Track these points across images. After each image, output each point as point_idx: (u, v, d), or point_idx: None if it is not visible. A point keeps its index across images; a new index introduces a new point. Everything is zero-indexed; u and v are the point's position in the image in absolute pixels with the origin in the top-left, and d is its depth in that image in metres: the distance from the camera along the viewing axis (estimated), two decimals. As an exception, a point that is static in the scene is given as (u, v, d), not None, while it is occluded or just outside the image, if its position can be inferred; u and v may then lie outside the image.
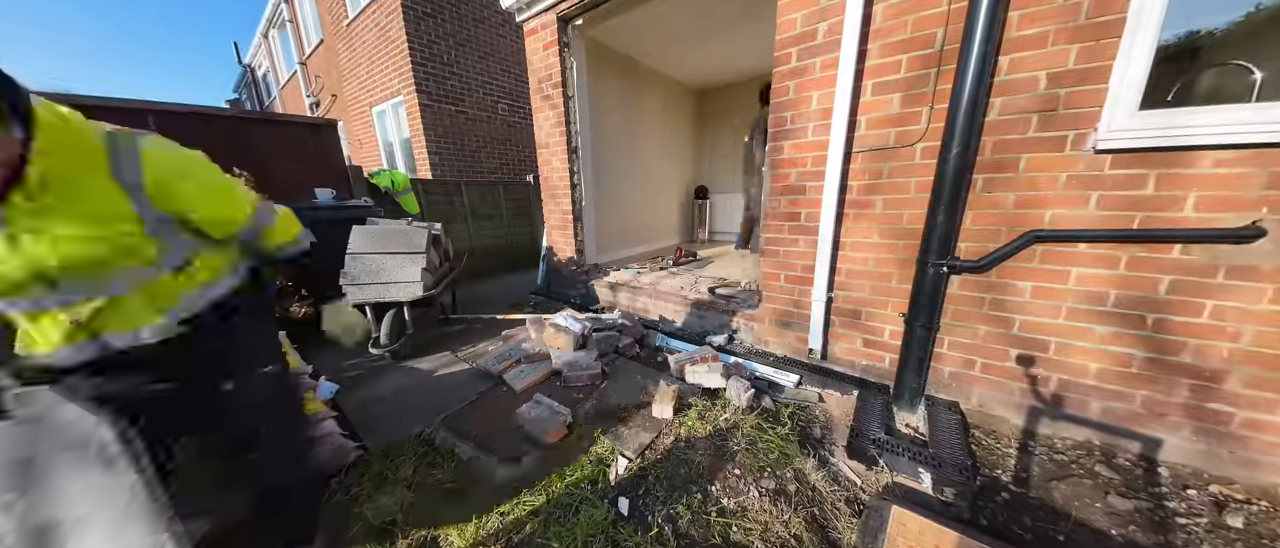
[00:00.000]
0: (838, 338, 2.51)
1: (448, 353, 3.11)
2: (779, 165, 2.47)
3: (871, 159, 2.14)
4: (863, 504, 1.62)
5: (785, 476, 1.66)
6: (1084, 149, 1.67)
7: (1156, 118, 1.55)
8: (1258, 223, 1.45)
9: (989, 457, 1.86)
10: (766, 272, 2.70)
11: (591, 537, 1.43)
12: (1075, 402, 1.89)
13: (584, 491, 1.64)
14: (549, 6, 3.65)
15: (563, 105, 3.93)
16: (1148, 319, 1.68)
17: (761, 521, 1.47)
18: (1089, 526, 1.49)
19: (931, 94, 1.91)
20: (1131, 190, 1.62)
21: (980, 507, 1.60)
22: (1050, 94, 1.69)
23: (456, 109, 7.02)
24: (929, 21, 1.87)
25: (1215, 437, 1.66)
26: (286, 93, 12.24)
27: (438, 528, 1.54)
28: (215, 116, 3.70)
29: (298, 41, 10.31)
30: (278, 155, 4.05)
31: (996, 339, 2.00)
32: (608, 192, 4.83)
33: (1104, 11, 1.56)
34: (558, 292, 4.46)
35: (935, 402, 2.12)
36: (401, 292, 2.90)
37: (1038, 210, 1.80)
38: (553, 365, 2.55)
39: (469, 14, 6.96)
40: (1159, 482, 1.66)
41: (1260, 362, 1.54)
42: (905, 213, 2.10)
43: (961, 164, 1.72)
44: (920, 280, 1.91)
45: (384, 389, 2.61)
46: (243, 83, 15.84)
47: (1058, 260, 1.80)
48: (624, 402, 2.20)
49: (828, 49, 2.15)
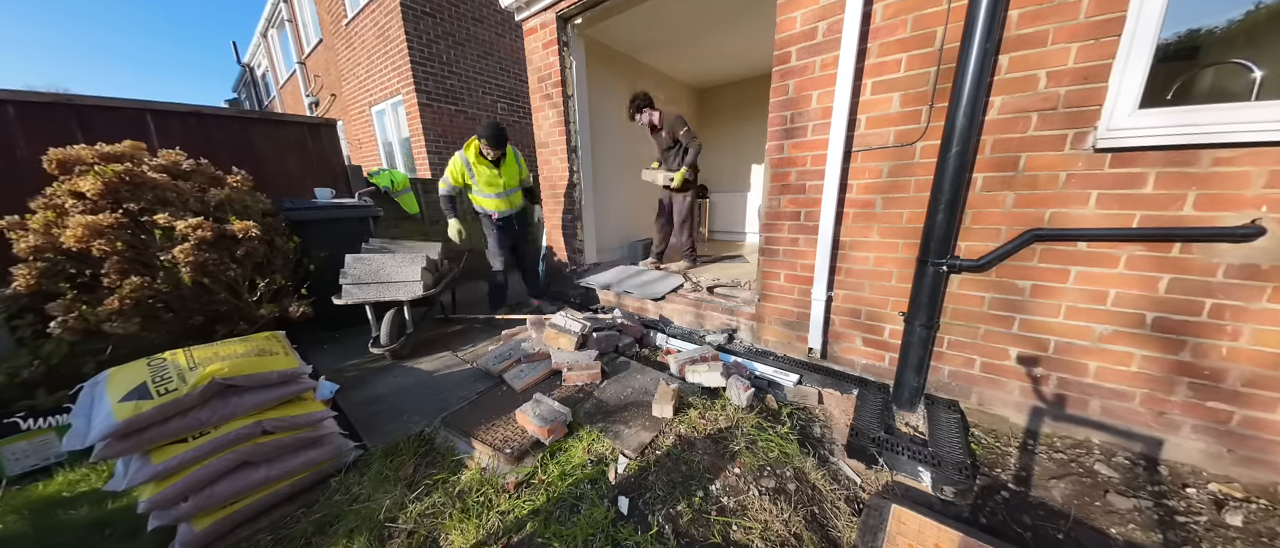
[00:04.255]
0: (837, 337, 2.51)
1: (448, 353, 3.11)
2: (778, 164, 2.46)
3: (871, 158, 2.14)
4: (862, 503, 1.62)
5: (785, 474, 1.66)
6: (1084, 148, 1.67)
7: (1156, 117, 1.55)
8: (1257, 222, 1.45)
9: (988, 456, 1.87)
10: (766, 271, 2.70)
11: (591, 536, 1.43)
12: (1074, 401, 1.89)
13: (584, 489, 1.64)
14: (548, 5, 3.65)
15: (562, 105, 3.93)
16: (1147, 318, 1.69)
17: (761, 519, 1.47)
18: (1088, 524, 1.50)
19: (931, 93, 1.91)
20: (1131, 189, 1.62)
21: (980, 506, 1.60)
22: (1050, 93, 1.69)
23: (456, 108, 7.01)
24: (929, 20, 1.87)
25: (1214, 435, 1.67)
26: (285, 92, 12.22)
27: (438, 528, 1.54)
28: (214, 116, 3.69)
29: (297, 41, 10.29)
30: (277, 155, 4.05)
31: (996, 338, 2.00)
32: (607, 191, 4.82)
33: (1104, 10, 1.56)
34: (558, 291, 4.46)
35: (935, 401, 2.12)
36: (401, 291, 2.90)
37: (1037, 209, 1.80)
38: (553, 365, 2.55)
39: (468, 13, 6.95)
40: (1158, 480, 1.66)
41: (1260, 360, 1.54)
42: (905, 212, 2.10)
43: (961, 163, 1.72)
44: (920, 279, 1.91)
45: (384, 389, 2.61)
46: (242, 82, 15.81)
47: (1057, 259, 1.81)
48: (624, 401, 2.20)
49: (827, 48, 2.15)
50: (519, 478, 1.73)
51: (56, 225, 2.31)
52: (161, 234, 2.49)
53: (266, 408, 1.66)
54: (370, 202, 4.01)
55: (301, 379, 1.77)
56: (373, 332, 2.97)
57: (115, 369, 1.56)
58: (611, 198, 4.94)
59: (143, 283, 2.38)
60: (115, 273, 2.36)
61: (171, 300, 2.56)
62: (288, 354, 1.80)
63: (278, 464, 1.68)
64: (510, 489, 1.69)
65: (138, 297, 2.37)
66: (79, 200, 2.39)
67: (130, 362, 1.60)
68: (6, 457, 2.08)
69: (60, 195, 2.39)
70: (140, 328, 2.42)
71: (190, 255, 2.46)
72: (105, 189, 2.40)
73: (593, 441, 1.89)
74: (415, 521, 1.58)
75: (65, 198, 2.38)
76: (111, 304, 2.30)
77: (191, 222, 2.51)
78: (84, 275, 2.38)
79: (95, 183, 2.37)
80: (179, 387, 1.46)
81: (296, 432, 1.72)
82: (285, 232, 3.20)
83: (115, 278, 2.36)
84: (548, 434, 1.89)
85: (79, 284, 2.37)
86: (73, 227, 2.24)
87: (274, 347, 1.80)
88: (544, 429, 1.88)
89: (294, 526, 1.61)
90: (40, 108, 2.92)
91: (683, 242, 4.28)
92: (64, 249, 2.28)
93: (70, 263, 2.34)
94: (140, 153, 2.70)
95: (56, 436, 2.17)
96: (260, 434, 1.63)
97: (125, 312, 2.35)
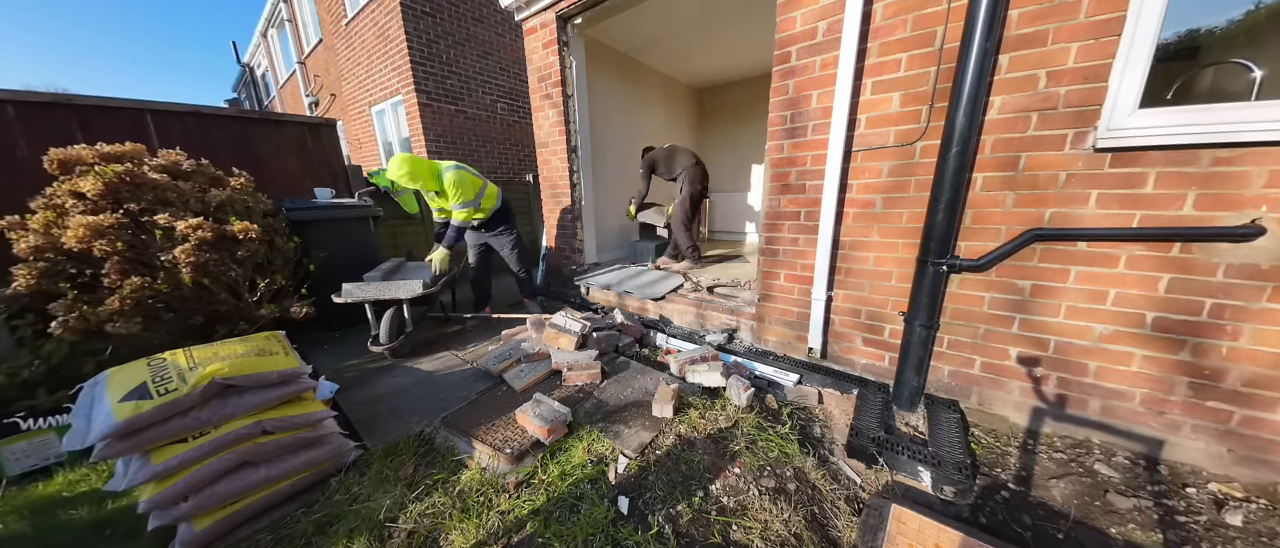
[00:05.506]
0: (837, 337, 2.51)
1: (448, 352, 3.11)
2: (779, 164, 2.46)
3: (871, 158, 2.14)
4: (862, 503, 1.62)
5: (785, 474, 1.66)
6: (1084, 148, 1.67)
7: (1156, 116, 1.55)
8: (1256, 221, 1.45)
9: (988, 455, 1.87)
10: (766, 271, 2.70)
11: (591, 536, 1.43)
12: (1074, 400, 1.89)
13: (584, 489, 1.64)
14: (548, 5, 3.65)
15: (562, 104, 3.93)
16: (1147, 317, 1.69)
17: (761, 519, 1.47)
18: (1088, 524, 1.50)
19: (931, 93, 1.91)
20: (1131, 189, 1.62)
21: (980, 505, 1.60)
22: (1050, 93, 1.69)
23: (455, 108, 7.01)
24: (929, 20, 1.87)
25: (1214, 435, 1.67)
26: (285, 92, 12.22)
27: (438, 527, 1.54)
28: (214, 116, 3.69)
29: (296, 41, 10.29)
30: (277, 155, 4.06)
31: (996, 338, 2.00)
32: (608, 191, 4.82)
33: (1104, 10, 1.56)
34: (558, 291, 4.46)
35: (935, 401, 2.12)
36: (401, 290, 2.90)
37: (1037, 209, 1.80)
38: (553, 365, 2.55)
39: (468, 13, 6.95)
40: (1158, 480, 1.66)
41: (1260, 360, 1.54)
42: (905, 212, 2.10)
43: (961, 163, 1.71)
44: (920, 279, 1.91)
45: (384, 389, 2.61)
46: (241, 82, 15.81)
47: (1057, 259, 1.81)
48: (624, 401, 2.20)
49: (827, 47, 2.15)
50: (519, 478, 1.73)
51: (57, 225, 2.31)
52: (162, 235, 2.49)
53: (266, 408, 1.66)
54: (370, 202, 4.01)
55: (301, 379, 1.77)
56: (372, 330, 2.97)
57: (115, 369, 1.56)
58: (611, 198, 4.94)
59: (143, 283, 2.38)
60: (116, 273, 2.36)
61: (172, 301, 2.56)
62: (288, 354, 1.80)
63: (278, 464, 1.68)
64: (510, 489, 1.69)
65: (138, 297, 2.37)
66: (79, 200, 2.39)
67: (130, 362, 1.60)
68: (6, 457, 2.08)
69: (60, 195, 2.39)
70: (141, 328, 2.42)
71: (191, 256, 2.46)
72: (106, 189, 2.40)
73: (593, 440, 1.89)
74: (415, 521, 1.58)
75: (65, 198, 2.38)
76: (112, 304, 2.31)
77: (192, 222, 2.51)
78: (84, 275, 2.38)
79: (96, 183, 2.37)
80: (179, 387, 1.46)
81: (296, 432, 1.72)
82: (285, 232, 3.20)
83: (116, 278, 2.36)
84: (548, 434, 1.89)
85: (79, 284, 2.37)
86: (73, 227, 2.24)
87: (274, 347, 1.80)
88: (544, 429, 1.88)
89: (294, 526, 1.61)
90: (40, 108, 2.92)
91: (684, 243, 4.29)
92: (64, 249, 2.28)
93: (71, 263, 2.34)
94: (140, 153, 2.70)
95: (56, 436, 2.17)
96: (260, 434, 1.63)
97: (126, 312, 2.35)
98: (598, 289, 3.96)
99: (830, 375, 2.47)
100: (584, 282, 4.13)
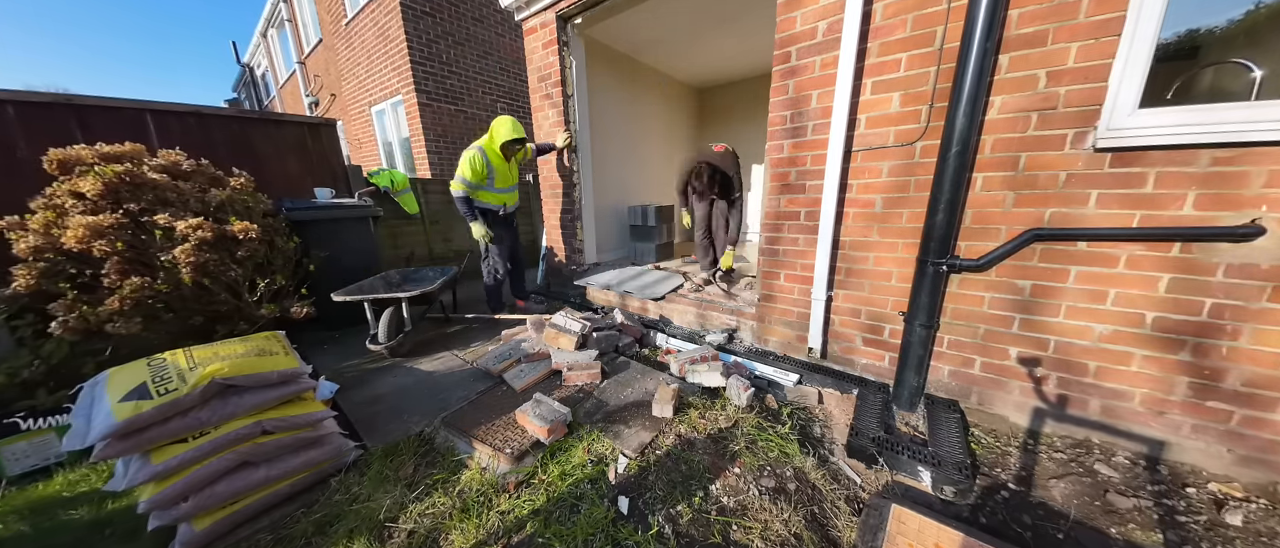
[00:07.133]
0: (837, 337, 2.51)
1: (448, 352, 3.11)
2: (779, 164, 2.46)
3: (871, 158, 2.14)
4: (862, 503, 1.62)
5: (785, 474, 1.66)
6: (1083, 148, 1.67)
7: (1156, 116, 1.54)
8: (1256, 221, 1.45)
9: (988, 455, 1.87)
10: (765, 271, 2.70)
11: (591, 536, 1.43)
12: (1074, 400, 1.89)
13: (584, 489, 1.64)
14: (548, 5, 3.65)
15: (562, 104, 3.92)
16: (1146, 317, 1.69)
17: (761, 519, 1.47)
18: (1088, 524, 1.50)
19: (931, 93, 1.91)
20: (1130, 189, 1.62)
21: (980, 505, 1.60)
22: (1050, 92, 1.69)
23: (456, 108, 7.01)
24: (929, 20, 1.87)
25: (1214, 435, 1.67)
26: (285, 92, 12.22)
27: (438, 527, 1.54)
28: (214, 116, 3.69)
29: (296, 41, 10.29)
30: (277, 155, 4.05)
31: (996, 338, 2.00)
32: (608, 191, 4.82)
33: (1104, 10, 1.56)
34: (558, 291, 4.46)
35: (935, 400, 2.12)
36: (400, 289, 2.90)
37: (1037, 209, 1.80)
38: (553, 365, 2.55)
39: (468, 13, 6.95)
40: (1158, 480, 1.66)
41: (1259, 360, 1.54)
42: (905, 211, 2.10)
43: (961, 163, 1.72)
44: (920, 279, 1.91)
45: (384, 389, 2.61)
46: (241, 82, 15.81)
47: (1057, 259, 1.81)
48: (624, 401, 2.20)
49: (827, 47, 2.15)
50: (519, 478, 1.73)
51: (56, 226, 2.31)
52: (162, 235, 2.49)
53: (266, 408, 1.66)
54: (370, 201, 4.01)
55: (301, 379, 1.77)
56: (371, 329, 2.97)
57: (115, 369, 1.56)
58: (612, 197, 4.94)
59: (143, 283, 2.38)
60: (116, 273, 2.36)
61: (172, 301, 2.56)
62: (288, 354, 1.80)
63: (278, 464, 1.68)
64: (510, 489, 1.69)
65: (138, 297, 2.37)
66: (79, 201, 2.39)
67: (130, 362, 1.60)
68: (6, 457, 2.08)
69: (60, 195, 2.39)
70: (141, 328, 2.42)
71: (190, 256, 2.46)
72: (105, 189, 2.40)
73: (593, 440, 1.89)
74: (415, 521, 1.58)
75: (65, 198, 2.38)
76: (112, 305, 2.30)
77: (192, 222, 2.51)
78: (84, 276, 2.38)
79: (95, 183, 2.37)
80: (179, 387, 1.46)
81: (296, 432, 1.72)
82: (285, 232, 3.20)
83: (116, 278, 2.36)
84: (548, 434, 1.89)
85: (79, 284, 2.37)
86: (73, 227, 2.24)
87: (274, 347, 1.80)
88: (544, 429, 1.88)
89: (294, 526, 1.61)
90: (40, 108, 2.91)
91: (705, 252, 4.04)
92: (64, 249, 2.28)
93: (70, 263, 2.34)
94: (140, 153, 2.70)
95: (56, 436, 2.17)
96: (260, 434, 1.63)
97: (126, 312, 2.35)
98: (598, 289, 3.96)
99: (830, 375, 2.47)
100: (584, 282, 4.13)
